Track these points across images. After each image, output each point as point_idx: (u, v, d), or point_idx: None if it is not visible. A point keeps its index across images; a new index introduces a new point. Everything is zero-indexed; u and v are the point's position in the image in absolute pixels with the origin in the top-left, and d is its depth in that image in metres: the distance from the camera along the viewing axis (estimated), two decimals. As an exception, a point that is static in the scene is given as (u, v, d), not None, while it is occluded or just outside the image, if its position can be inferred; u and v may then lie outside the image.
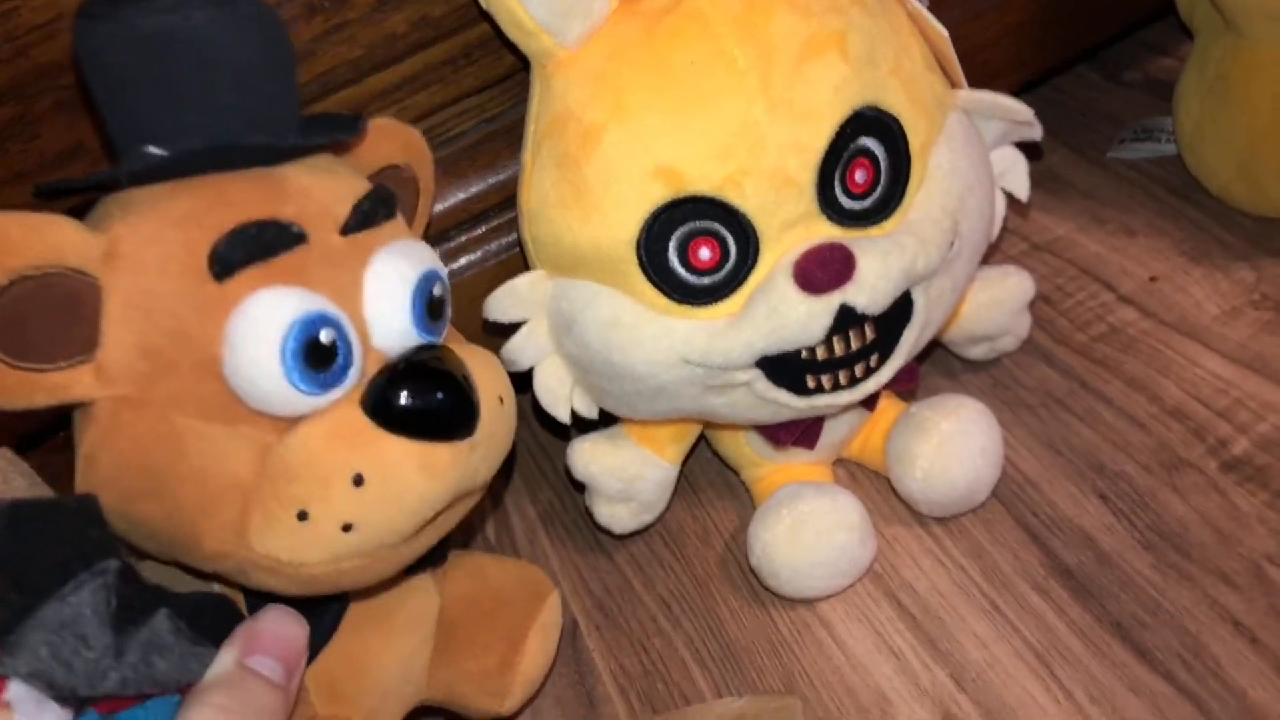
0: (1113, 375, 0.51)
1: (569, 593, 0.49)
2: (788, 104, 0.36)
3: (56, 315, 0.28)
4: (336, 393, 0.30)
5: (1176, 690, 0.39)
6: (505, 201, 0.47)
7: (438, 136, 0.46)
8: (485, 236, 0.47)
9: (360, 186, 0.33)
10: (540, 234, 0.40)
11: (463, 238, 0.47)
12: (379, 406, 0.30)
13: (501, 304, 0.41)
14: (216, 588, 0.34)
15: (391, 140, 0.37)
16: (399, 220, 0.34)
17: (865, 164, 0.38)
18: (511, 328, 0.42)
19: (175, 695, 0.29)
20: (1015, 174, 0.45)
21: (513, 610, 0.40)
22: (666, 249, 0.38)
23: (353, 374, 0.30)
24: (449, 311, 0.35)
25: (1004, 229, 0.56)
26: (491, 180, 0.47)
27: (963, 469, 0.44)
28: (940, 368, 0.53)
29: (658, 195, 0.37)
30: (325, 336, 0.29)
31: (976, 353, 0.52)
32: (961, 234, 0.40)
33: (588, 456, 0.45)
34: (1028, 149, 0.46)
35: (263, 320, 0.28)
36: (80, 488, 0.30)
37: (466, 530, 0.49)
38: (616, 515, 0.47)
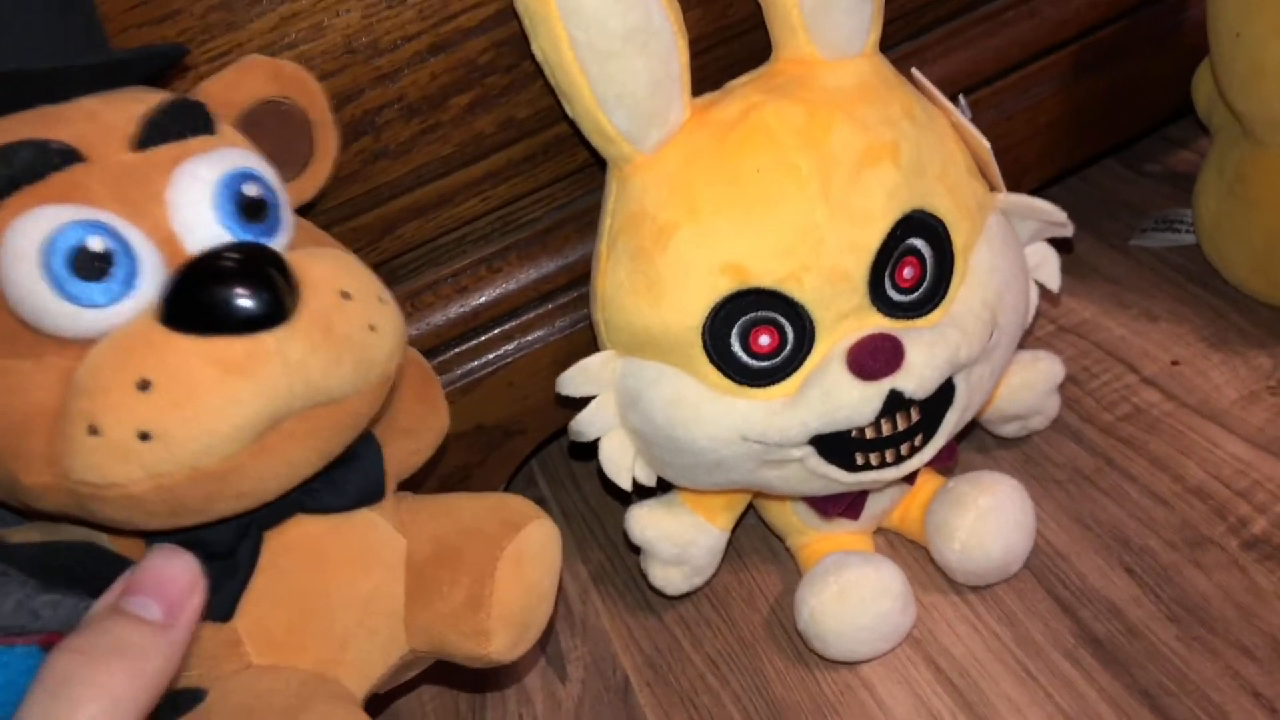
0: (1137, 454, 0.54)
1: (619, 650, 0.52)
2: (846, 208, 0.40)
3: None
4: (129, 304, 0.29)
5: (1201, 758, 0.41)
6: (572, 282, 0.51)
7: (514, 222, 0.50)
8: (552, 314, 0.51)
9: (155, 100, 0.32)
10: (613, 317, 0.44)
11: (531, 315, 0.51)
12: (165, 308, 0.29)
13: (574, 380, 0.45)
14: (104, 539, 0.33)
15: (254, 74, 0.36)
16: (222, 136, 0.33)
17: (913, 262, 0.42)
18: (582, 401, 0.45)
19: (33, 646, 0.28)
20: (1047, 268, 0.49)
21: (481, 541, 0.37)
22: (730, 335, 0.41)
23: (147, 285, 0.29)
24: (280, 214, 0.33)
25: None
26: (561, 263, 0.50)
27: (998, 542, 0.47)
28: (974, 444, 0.56)
29: (724, 287, 0.41)
30: (95, 244, 0.28)
31: (1009, 430, 0.55)
32: (1000, 325, 0.44)
33: (645, 522, 0.48)
34: (1059, 244, 0.50)
35: (20, 239, 0.28)
36: None
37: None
38: (670, 578, 0.50)
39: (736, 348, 0.42)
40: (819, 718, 0.46)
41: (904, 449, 0.43)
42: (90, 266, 0.28)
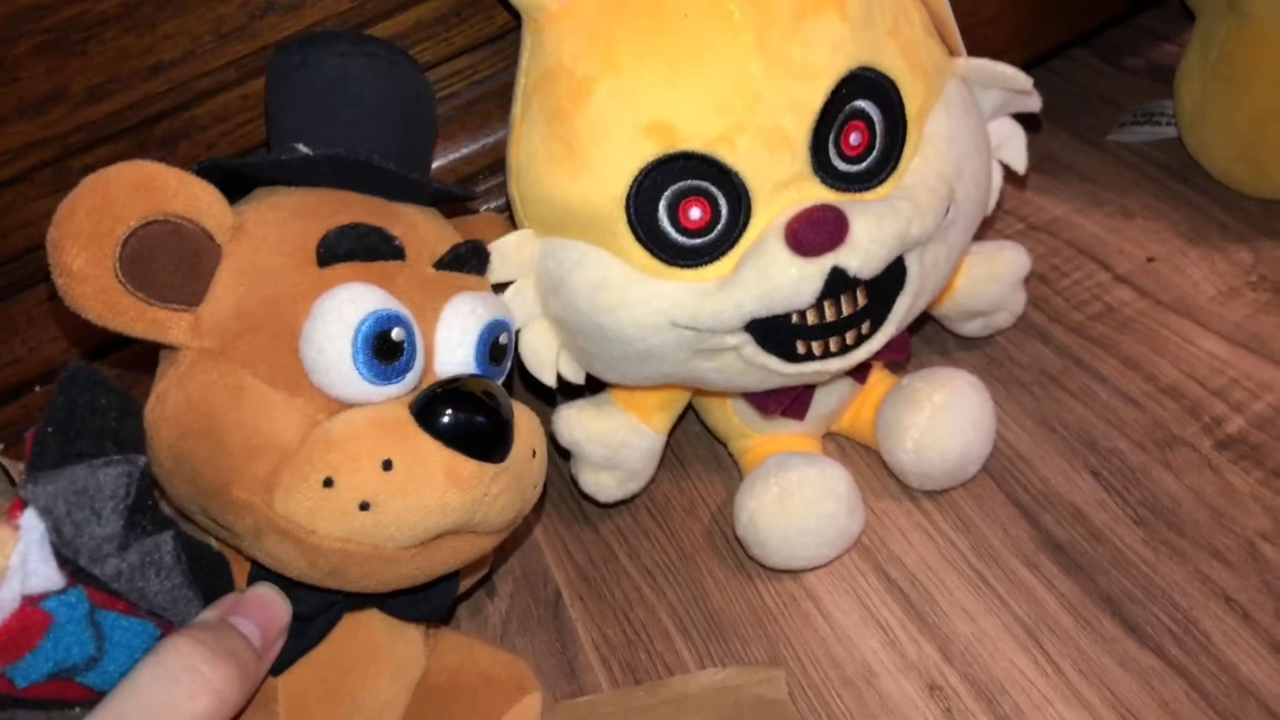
0: (1108, 354, 0.50)
1: (552, 562, 0.48)
2: (784, 61, 0.36)
3: (179, 262, 0.32)
4: (392, 390, 0.33)
5: (1167, 665, 0.38)
6: (495, 164, 0.47)
7: (428, 96, 0.45)
8: (476, 199, 0.47)
9: (460, 237, 0.38)
10: (528, 191, 0.40)
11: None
12: (424, 410, 0.32)
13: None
14: (216, 543, 0.35)
15: (495, 231, 0.41)
16: (487, 279, 0.39)
17: (861, 126, 0.38)
18: (499, 289, 0.41)
19: (155, 628, 0.30)
20: (1013, 145, 0.45)
21: (493, 691, 0.40)
22: (657, 208, 0.37)
23: (411, 378, 0.33)
24: (509, 364, 0.38)
25: (1001, 209, 0.56)
26: (482, 142, 0.46)
27: (954, 440, 0.43)
28: (934, 345, 0.53)
29: (649, 151, 0.36)
30: (396, 334, 0.32)
31: (971, 329, 0.51)
32: (957, 201, 0.40)
33: (574, 422, 0.45)
34: (1026, 122, 0.45)
35: (346, 305, 0.32)
36: (147, 420, 0.32)
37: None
38: (602, 483, 0.46)
39: (664, 222, 0.37)
40: (759, 629, 0.43)
41: (849, 337, 0.39)
42: (386, 350, 0.32)
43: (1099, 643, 0.39)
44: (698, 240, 0.38)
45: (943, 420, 0.43)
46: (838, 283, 0.37)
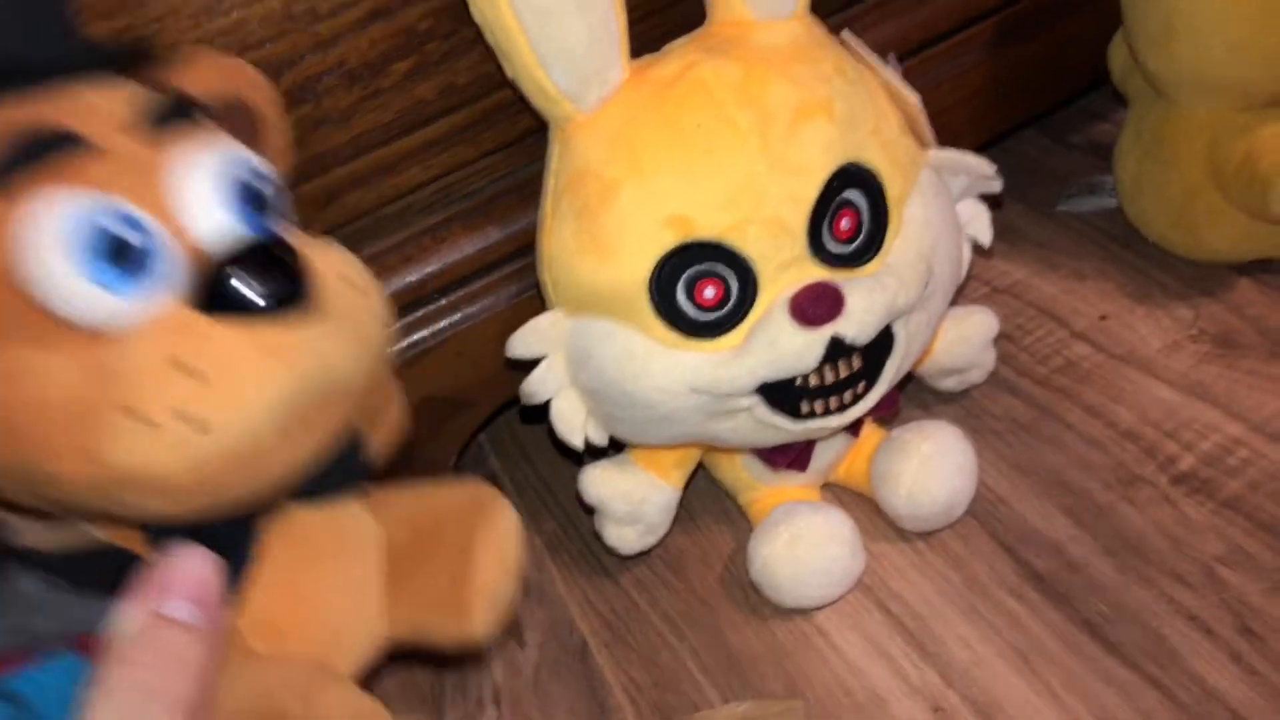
0: (1071, 403, 0.56)
1: (577, 615, 0.52)
2: (784, 161, 0.41)
3: None
4: (154, 293, 0.29)
5: (1143, 679, 0.43)
6: (517, 251, 0.51)
7: (457, 192, 0.50)
8: (499, 283, 0.51)
9: (149, 92, 0.32)
10: (560, 277, 0.44)
11: (478, 284, 0.51)
12: (202, 295, 0.29)
13: (524, 341, 0.45)
14: (99, 536, 0.32)
15: (209, 70, 0.35)
16: (207, 126, 0.33)
17: (850, 213, 0.43)
18: (532, 363, 0.46)
19: (70, 651, 0.28)
20: (979, 223, 0.51)
21: (459, 524, 0.38)
22: (675, 289, 0.42)
23: (167, 268, 0.29)
24: (281, 203, 0.33)
25: (969, 274, 0.62)
26: (505, 232, 0.51)
27: (943, 485, 0.48)
28: (915, 401, 0.58)
29: (669, 241, 0.42)
30: (117, 228, 0.28)
31: (948, 385, 0.56)
32: (934, 274, 0.45)
33: (599, 480, 0.49)
34: (989, 201, 0.51)
35: (43, 218, 0.27)
36: None
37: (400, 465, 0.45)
38: (624, 537, 0.51)
39: (683, 301, 0.42)
40: (776, 666, 0.47)
41: (847, 396, 0.44)
42: (116, 250, 0.28)
43: (1083, 662, 0.44)
44: (712, 315, 0.43)
45: (931, 468, 0.48)
46: (837, 349, 0.42)
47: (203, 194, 0.30)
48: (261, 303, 0.29)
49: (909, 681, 0.45)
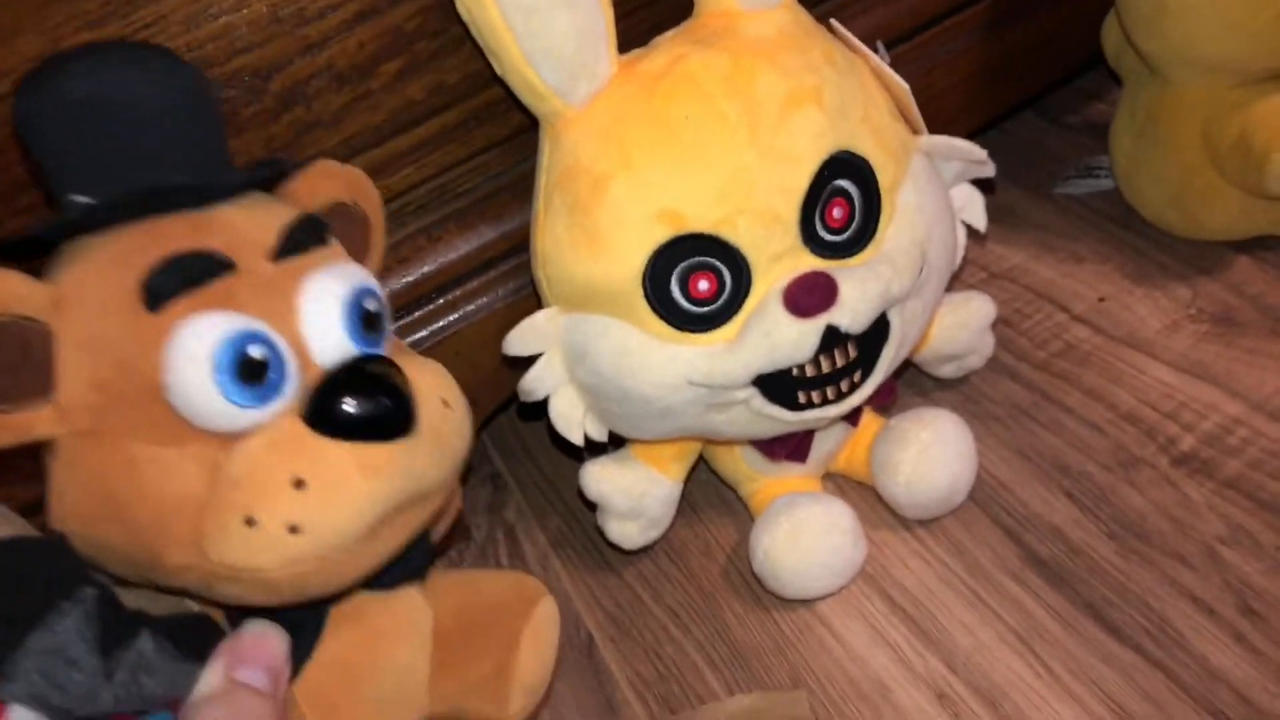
0: (1071, 386, 0.56)
1: (582, 610, 0.52)
2: (774, 151, 0.41)
3: (11, 360, 0.30)
4: (275, 406, 0.31)
5: (1146, 660, 0.43)
6: (512, 249, 0.51)
7: (451, 191, 0.50)
8: (495, 281, 0.51)
9: (289, 216, 0.35)
10: (554, 273, 0.45)
11: (474, 283, 0.51)
12: (315, 413, 0.31)
13: (521, 339, 0.45)
14: (194, 606, 0.35)
15: (333, 180, 0.39)
16: (334, 247, 0.36)
17: (842, 202, 0.43)
18: (529, 360, 0.46)
19: (165, 713, 0.31)
20: (973, 207, 0.51)
21: (505, 616, 0.40)
22: (669, 282, 0.42)
23: (289, 387, 0.32)
24: (387, 325, 0.37)
25: (965, 259, 0.62)
26: (500, 230, 0.51)
27: (942, 473, 0.48)
28: (914, 388, 0.58)
29: (661, 235, 0.41)
30: (255, 352, 0.31)
31: (947, 371, 0.56)
32: (929, 261, 0.45)
33: (600, 476, 0.49)
34: (982, 185, 0.51)
35: (193, 342, 0.30)
36: (51, 520, 0.32)
37: (450, 544, 0.50)
38: (626, 531, 0.51)
39: (677, 294, 0.42)
40: (780, 657, 0.47)
41: (844, 385, 0.44)
42: (250, 371, 0.31)
43: (1084, 645, 0.44)
44: (706, 308, 0.43)
45: (931, 456, 0.48)
46: (831, 339, 0.42)
47: (327, 318, 0.33)
48: (369, 424, 0.32)
49: (912, 669, 0.45)
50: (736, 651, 0.48)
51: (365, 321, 0.35)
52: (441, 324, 0.50)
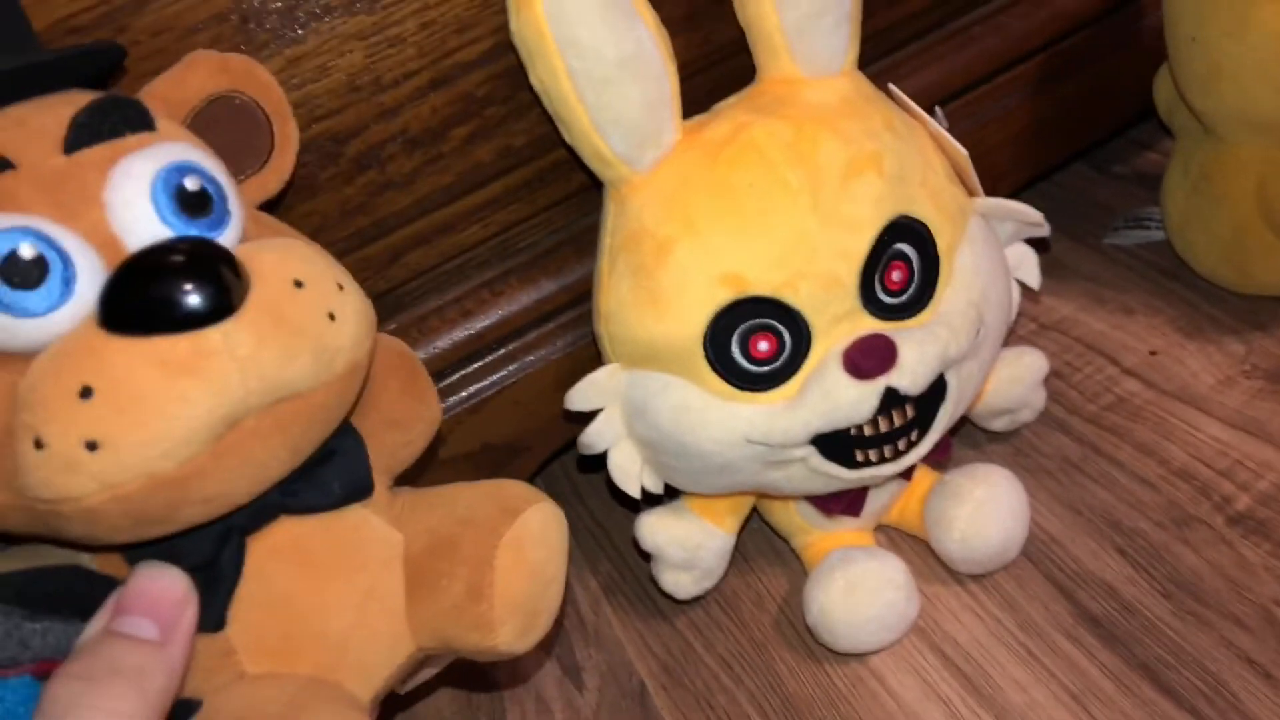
0: (1122, 441, 0.56)
1: (634, 657, 0.53)
2: (835, 217, 0.42)
3: None
4: (68, 311, 0.28)
5: (1201, 725, 0.43)
6: (571, 302, 0.52)
7: (513, 246, 0.52)
8: (553, 333, 0.53)
9: (83, 102, 0.31)
10: (617, 332, 0.46)
11: (533, 334, 0.53)
12: (103, 310, 0.28)
13: (583, 394, 0.46)
14: (85, 559, 0.32)
15: (201, 70, 0.35)
16: (162, 132, 0.32)
17: (901, 265, 0.44)
18: (590, 415, 0.47)
19: (26, 676, 0.28)
20: (1027, 266, 0.51)
21: (477, 529, 0.35)
22: (730, 343, 0.43)
23: (85, 289, 0.28)
24: (226, 206, 0.32)
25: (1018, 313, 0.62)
26: (560, 283, 0.52)
27: (996, 530, 0.49)
28: (966, 440, 0.58)
29: (723, 297, 0.43)
30: (27, 251, 0.28)
31: (998, 425, 0.57)
32: (985, 322, 0.46)
33: (655, 528, 0.50)
34: (1037, 243, 0.52)
35: None
36: None
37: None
38: (680, 582, 0.52)
39: (737, 354, 0.43)
40: (832, 710, 0.48)
41: (901, 444, 0.45)
42: (23, 274, 0.27)
43: (1140, 706, 0.44)
44: (766, 368, 0.44)
45: (985, 513, 0.49)
46: (890, 400, 0.43)
47: (135, 205, 0.30)
48: (161, 312, 0.28)
49: (966, 726, 0.45)
50: (789, 703, 0.49)
51: (184, 202, 0.30)
52: (501, 374, 0.52)
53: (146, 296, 0.28)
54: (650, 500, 0.51)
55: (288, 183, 0.39)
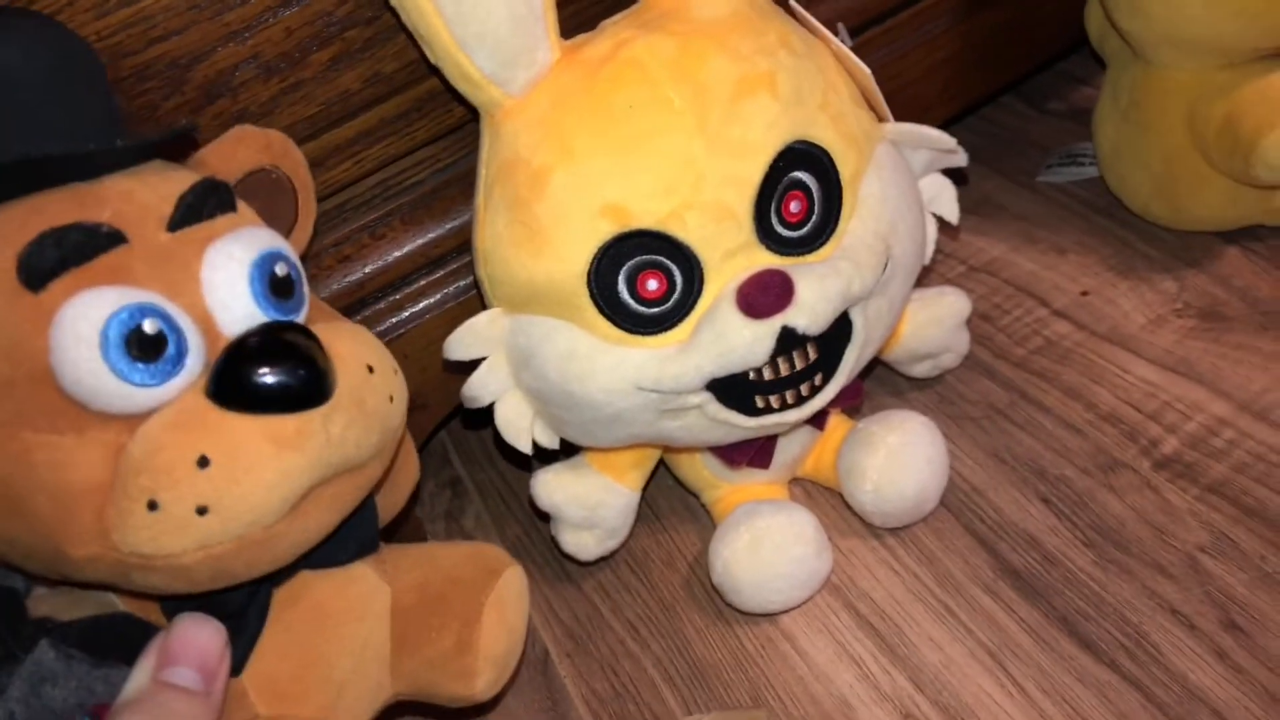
0: (1050, 385, 0.53)
1: (539, 623, 0.50)
2: (723, 141, 0.39)
3: None
4: (179, 383, 0.30)
5: (1122, 679, 0.41)
6: (461, 246, 0.49)
7: (394, 186, 0.48)
8: (443, 280, 0.49)
9: (188, 182, 0.33)
10: (495, 273, 0.42)
11: (422, 282, 0.49)
12: (218, 386, 0.30)
13: (461, 342, 0.43)
14: (118, 603, 0.34)
15: (248, 145, 0.38)
16: (241, 213, 0.34)
17: (799, 195, 0.41)
18: (472, 365, 0.44)
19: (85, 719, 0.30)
20: (944, 199, 0.48)
21: (465, 588, 0.39)
22: (616, 282, 0.40)
23: (193, 362, 0.30)
24: (303, 291, 0.35)
25: (942, 253, 0.59)
26: (447, 226, 0.48)
27: (911, 479, 0.46)
28: (887, 386, 0.56)
29: (605, 231, 0.39)
30: (150, 326, 0.30)
31: (920, 370, 0.54)
32: (894, 256, 0.43)
33: (551, 486, 0.47)
34: (956, 175, 0.49)
35: (79, 321, 0.29)
36: None
37: (404, 524, 0.48)
38: (582, 543, 0.48)
39: (624, 294, 0.40)
40: (740, 673, 0.45)
41: (804, 389, 0.42)
42: (145, 348, 0.29)
43: (1058, 662, 0.42)
44: (656, 309, 0.40)
45: (899, 461, 0.46)
46: (789, 340, 0.40)
47: (232, 286, 0.32)
48: (276, 394, 0.30)
49: (878, 687, 0.43)
50: (696, 668, 0.46)
51: (275, 287, 0.33)
52: (387, 325, 0.48)
53: (262, 379, 0.30)
54: (547, 456, 0.47)
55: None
